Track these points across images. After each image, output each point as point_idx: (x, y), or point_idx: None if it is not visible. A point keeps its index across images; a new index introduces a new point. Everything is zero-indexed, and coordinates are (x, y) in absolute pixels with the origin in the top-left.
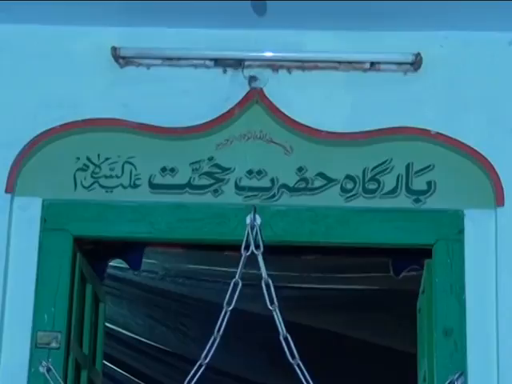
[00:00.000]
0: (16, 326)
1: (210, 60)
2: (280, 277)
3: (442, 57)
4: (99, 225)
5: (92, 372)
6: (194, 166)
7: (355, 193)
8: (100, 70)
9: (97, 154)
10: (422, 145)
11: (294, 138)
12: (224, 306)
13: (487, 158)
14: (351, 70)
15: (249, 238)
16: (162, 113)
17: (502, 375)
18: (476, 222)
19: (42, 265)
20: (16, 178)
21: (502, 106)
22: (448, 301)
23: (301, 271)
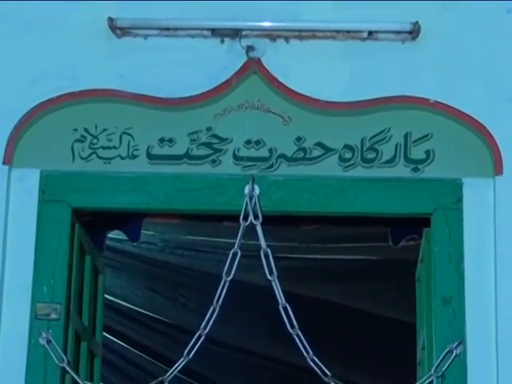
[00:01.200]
0: (15, 297)
1: (208, 30)
2: (279, 247)
3: (440, 25)
4: (97, 196)
5: (92, 343)
6: (191, 136)
7: (353, 162)
8: (97, 41)
9: (94, 125)
10: (421, 114)
11: (292, 108)
12: (223, 277)
13: (486, 127)
14: (349, 40)
15: (247, 209)
16: (159, 83)
17: (500, 343)
18: (474, 191)
19: (40, 236)
20: (13, 150)
21: (500, 75)
22: (447, 269)
23: (299, 241)
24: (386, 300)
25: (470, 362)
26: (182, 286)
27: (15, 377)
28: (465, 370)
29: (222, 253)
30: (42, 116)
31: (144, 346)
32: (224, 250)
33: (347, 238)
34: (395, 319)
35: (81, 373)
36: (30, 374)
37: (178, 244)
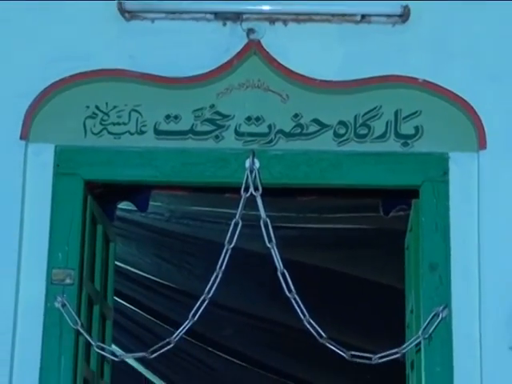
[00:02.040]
0: (32, 263)
1: (211, 13)
2: (277, 217)
3: (428, 9)
4: (108, 169)
5: (104, 307)
6: (196, 113)
7: (347, 138)
8: (107, 24)
9: (105, 103)
10: (410, 92)
11: (289, 87)
12: (225, 245)
13: (471, 104)
14: (343, 22)
15: (248, 181)
16: (165, 63)
17: (483, 307)
18: (460, 164)
19: (55, 207)
20: (30, 126)
21: (484, 55)
22: (434, 238)
23: (297, 212)
24: (377, 267)
25: (454, 325)
26: (187, 253)
27: (33, 339)
28: (450, 331)
29: (224, 222)
30: (56, 94)
31: (152, 309)
32: (226, 220)
33: (341, 208)
34: (386, 284)
35: (93, 335)
36: (47, 336)
37: (183, 214)
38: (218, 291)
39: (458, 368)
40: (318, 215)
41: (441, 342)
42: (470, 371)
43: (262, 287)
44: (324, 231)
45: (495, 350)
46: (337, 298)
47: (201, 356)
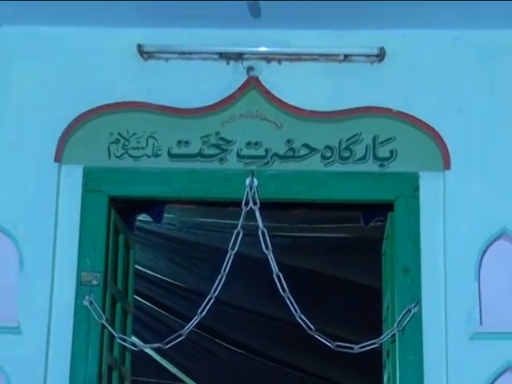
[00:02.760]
0: (64, 268)
1: (216, 54)
2: (273, 227)
3: (400, 50)
4: (129, 186)
5: (125, 304)
6: (203, 139)
7: (332, 159)
8: (128, 63)
9: (126, 130)
10: (386, 121)
11: (283, 116)
12: (229, 251)
13: (437, 131)
14: (329, 62)
15: (248, 196)
16: (178, 96)
17: (448, 304)
18: (428, 182)
19: (83, 219)
20: (62, 150)
21: (449, 90)
22: (406, 245)
23: (290, 223)
24: (359, 269)
25: (424, 319)
26: (196, 258)
27: (65, 332)
28: (420, 325)
29: (227, 232)
30: (85, 123)
31: (166, 306)
32: (229, 230)
33: (328, 220)
34: (366, 284)
35: (116, 328)
36: (77, 330)
37: (192, 225)
38: (223, 291)
39: (427, 356)
40: (308, 226)
41: (412, 334)
42: (437, 358)
43: (261, 287)
44: (313, 239)
45: (458, 340)
46: (324, 296)
47: (209, 346)
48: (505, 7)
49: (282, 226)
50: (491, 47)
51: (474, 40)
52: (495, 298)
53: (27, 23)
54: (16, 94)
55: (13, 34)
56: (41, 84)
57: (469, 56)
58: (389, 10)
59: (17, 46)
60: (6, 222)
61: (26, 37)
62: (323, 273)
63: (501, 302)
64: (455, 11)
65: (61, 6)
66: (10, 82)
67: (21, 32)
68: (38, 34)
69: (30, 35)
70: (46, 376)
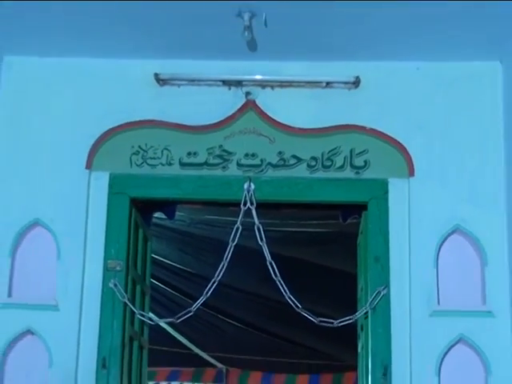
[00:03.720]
0: (94, 257)
1: (220, 81)
2: (267, 223)
3: (373, 78)
4: (147, 190)
5: (143, 286)
6: (209, 150)
7: (316, 168)
8: (147, 88)
9: (145, 143)
10: (361, 136)
11: (275, 132)
12: (230, 243)
13: (403, 145)
14: (313, 88)
15: (246, 198)
16: (187, 116)
17: (412, 287)
18: (396, 187)
19: (109, 216)
20: (92, 159)
21: (413, 111)
22: (377, 238)
23: (281, 220)
24: (338, 258)
25: (391, 299)
26: (202, 248)
27: (94, 309)
28: (388, 304)
29: (229, 227)
30: (111, 137)
31: (178, 287)
32: (230, 226)
33: (312, 217)
34: (344, 271)
35: (136, 306)
36: (103, 307)
37: (199, 221)
38: (225, 275)
39: (393, 329)
40: (296, 222)
41: (382, 312)
42: (402, 331)
43: (257, 272)
44: (300, 233)
45: (420, 317)
46: (309, 280)
47: (213, 321)
48: (459, 44)
49: (274, 222)
50: (447, 76)
51: (433, 70)
52: (450, 282)
53: (65, 55)
54: (55, 114)
55: (53, 64)
56: (75, 105)
57: (429, 83)
58: (363, 45)
59: (56, 73)
60: (46, 218)
61: (64, 66)
62: (309, 261)
63: (455, 285)
64: (418, 46)
65: (94, 41)
66: (51, 104)
67: (60, 63)
68: (73, 65)
69: (67, 65)
70: (79, 345)
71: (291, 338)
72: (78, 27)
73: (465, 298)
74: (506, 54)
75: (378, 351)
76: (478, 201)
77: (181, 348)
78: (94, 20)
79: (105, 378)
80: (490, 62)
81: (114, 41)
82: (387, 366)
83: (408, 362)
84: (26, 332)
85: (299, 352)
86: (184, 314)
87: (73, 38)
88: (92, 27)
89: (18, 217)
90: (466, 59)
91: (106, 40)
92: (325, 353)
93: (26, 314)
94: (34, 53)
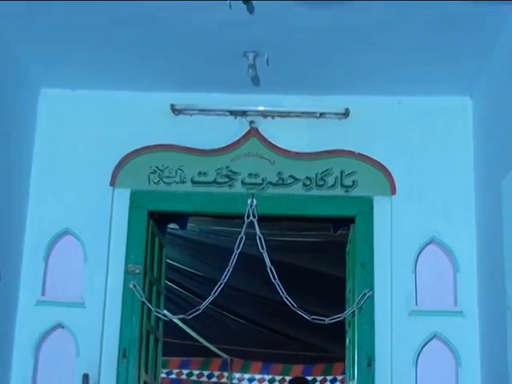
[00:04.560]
0: (116, 261)
1: (227, 111)
2: (267, 234)
3: (360, 110)
4: (163, 204)
5: (159, 287)
6: (217, 171)
7: (311, 186)
8: (164, 117)
9: (161, 164)
10: (350, 160)
11: (275, 156)
12: (234, 250)
13: (386, 167)
14: (309, 118)
15: (249, 212)
16: (199, 141)
17: (393, 289)
18: (380, 203)
19: (130, 226)
20: (116, 177)
21: (395, 138)
22: (363, 247)
23: (279, 230)
24: (330, 264)
25: (375, 300)
26: (210, 255)
27: (116, 307)
28: (373, 304)
29: (234, 236)
30: (132, 158)
31: (189, 288)
32: (235, 235)
33: (307, 228)
34: (334, 275)
35: (152, 304)
36: (124, 305)
37: (208, 231)
38: (230, 278)
39: (377, 326)
40: (293, 233)
41: (367, 311)
42: (384, 328)
43: (258, 276)
44: (297, 242)
45: (400, 316)
46: (304, 283)
47: (219, 317)
48: (434, 82)
49: (273, 232)
50: (424, 109)
51: (412, 103)
52: (427, 285)
53: (94, 88)
54: (85, 138)
55: (84, 96)
56: (102, 131)
57: (409, 114)
58: (352, 82)
59: (86, 104)
60: (75, 227)
61: (93, 98)
62: (303, 266)
63: (431, 289)
64: (399, 83)
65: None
66: (81, 130)
67: (89, 94)
68: (101, 96)
69: (96, 97)
70: (103, 337)
71: (288, 333)
72: (105, 65)
73: (439, 299)
74: (475, 90)
75: (363, 345)
76: (451, 216)
77: (191, 341)
78: (118, 58)
79: (125, 366)
80: (462, 97)
81: (135, 76)
82: (371, 357)
83: (389, 354)
84: (56, 326)
85: (295, 345)
86: (194, 312)
87: (100, 74)
88: (117, 65)
89: (50, 227)
90: (441, 94)
91: (129, 75)
92: (317, 346)
93: (56, 311)
94: (66, 86)
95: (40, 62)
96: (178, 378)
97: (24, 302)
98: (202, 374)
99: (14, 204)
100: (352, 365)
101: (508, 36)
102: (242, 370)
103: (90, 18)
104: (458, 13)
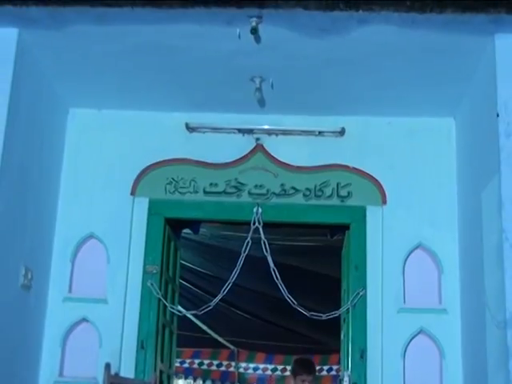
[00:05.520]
0: (135, 263)
1: (235, 129)
2: (271, 238)
3: (355, 129)
4: (178, 211)
5: (174, 285)
6: (226, 182)
7: (310, 197)
8: (179, 134)
9: (177, 176)
10: (345, 173)
11: (278, 169)
12: (242, 253)
13: (378, 180)
14: (308, 135)
15: (255, 219)
16: (210, 156)
17: (384, 289)
18: (372, 212)
19: (148, 231)
20: (136, 188)
21: (385, 154)
22: (357, 251)
23: (282, 235)
24: (327, 266)
25: (368, 299)
26: (220, 257)
27: (135, 303)
28: (365, 303)
29: (241, 240)
30: (151, 171)
31: (200, 286)
32: (242, 239)
33: (307, 234)
34: (331, 276)
35: (168, 300)
36: (142, 301)
37: (218, 235)
38: (237, 278)
39: (369, 322)
40: (294, 238)
41: (360, 308)
42: (376, 324)
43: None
44: (297, 246)
45: (389, 313)
46: (304, 282)
47: (227, 312)
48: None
49: (276, 237)
50: (412, 128)
51: (401, 123)
52: (414, 285)
53: (118, 108)
54: (108, 152)
55: (109, 115)
56: (123, 146)
57: (397, 133)
58: (347, 104)
59: (111, 122)
60: (100, 232)
61: (117, 117)
62: (303, 268)
63: (418, 289)
64: (389, 105)
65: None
66: (105, 145)
67: (114, 114)
68: (123, 116)
69: (119, 116)
70: (123, 330)
71: (289, 327)
72: (127, 87)
73: (425, 298)
74: (458, 112)
75: (356, 339)
76: (436, 223)
77: (202, 333)
78: (139, 82)
79: (143, 356)
80: (446, 118)
81: (153, 97)
82: (363, 350)
83: (380, 347)
84: (82, 320)
85: (295, 338)
86: (205, 308)
87: (123, 96)
88: (138, 87)
89: (77, 231)
90: (427, 115)
91: (148, 97)
92: (315, 339)
93: (82, 306)
94: (93, 106)
95: (69, 85)
96: (190, 367)
97: (53, 299)
98: (212, 364)
99: (46, 211)
100: (346, 356)
101: (487, 62)
102: (247, 360)
103: (113, 46)
104: (442, 41)
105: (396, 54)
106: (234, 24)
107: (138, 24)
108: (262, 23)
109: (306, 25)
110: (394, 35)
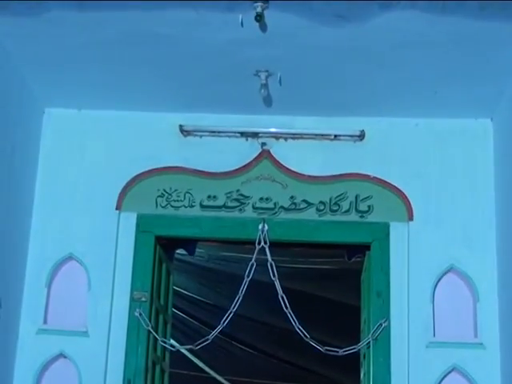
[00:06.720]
0: (121, 288)
1: (238, 133)
2: (278, 260)
3: (376, 132)
4: (170, 229)
5: (166, 315)
6: (227, 194)
7: (325, 211)
8: (171, 139)
9: (169, 187)
10: (365, 184)
11: (287, 179)
12: (245, 278)
13: (403, 192)
14: (322, 140)
15: (260, 238)
16: (208, 163)
17: (410, 320)
18: (396, 230)
19: (136, 252)
20: (122, 201)
21: (411, 161)
22: (379, 275)
23: (291, 257)
24: (344, 293)
25: (392, 331)
26: (219, 282)
27: (121, 336)
28: (389, 335)
29: (244, 263)
30: (139, 182)
31: (197, 317)
32: (246, 262)
33: (320, 255)
34: (349, 304)
35: (159, 333)
36: (129, 334)
37: (217, 257)
38: (239, 306)
39: (393, 358)
40: (305, 260)
41: (383, 342)
42: (401, 360)
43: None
44: (309, 270)
45: (417, 347)
46: (317, 312)
47: (227, 347)
48: (453, 103)
49: (285, 259)
50: (443, 131)
51: (430, 125)
52: (445, 316)
53: (100, 108)
54: (90, 160)
55: (89, 116)
56: (107, 152)
57: (426, 137)
58: (367, 103)
59: (92, 124)
60: (79, 253)
61: (99, 118)
62: (316, 295)
63: (449, 319)
64: (416, 104)
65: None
66: (86, 151)
67: (95, 115)
68: (107, 117)
69: (101, 117)
70: (107, 368)
71: (299, 364)
72: (111, 84)
73: (458, 330)
74: (496, 112)
75: (378, 378)
76: (471, 243)
77: (197, 371)
78: (125, 78)
79: None
80: (482, 119)
81: (142, 95)
82: None
83: None
84: (58, 355)
85: (306, 377)
86: (202, 342)
87: (106, 94)
88: (124, 84)
89: (54, 251)
90: (460, 116)
91: (136, 95)
92: (329, 378)
93: (59, 339)
94: (72, 106)
95: (45, 81)
96: None
97: (25, 331)
98: None
99: (16, 227)
100: None
101: None
102: None
103: (95, 36)
104: (477, 31)
105: (423, 45)
106: (236, 10)
107: (123, 10)
108: (269, 9)
109: (320, 10)
110: (421, 23)
